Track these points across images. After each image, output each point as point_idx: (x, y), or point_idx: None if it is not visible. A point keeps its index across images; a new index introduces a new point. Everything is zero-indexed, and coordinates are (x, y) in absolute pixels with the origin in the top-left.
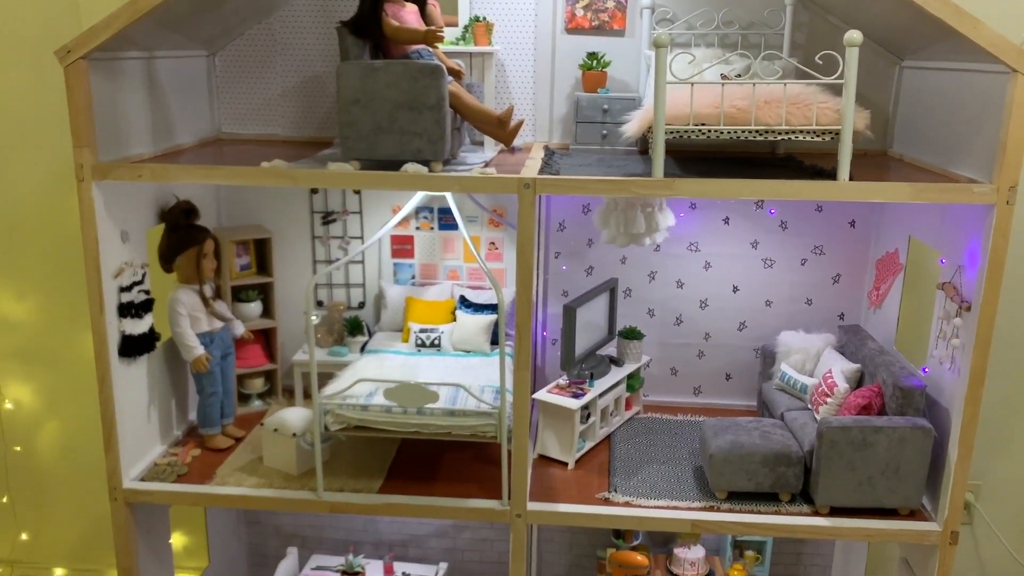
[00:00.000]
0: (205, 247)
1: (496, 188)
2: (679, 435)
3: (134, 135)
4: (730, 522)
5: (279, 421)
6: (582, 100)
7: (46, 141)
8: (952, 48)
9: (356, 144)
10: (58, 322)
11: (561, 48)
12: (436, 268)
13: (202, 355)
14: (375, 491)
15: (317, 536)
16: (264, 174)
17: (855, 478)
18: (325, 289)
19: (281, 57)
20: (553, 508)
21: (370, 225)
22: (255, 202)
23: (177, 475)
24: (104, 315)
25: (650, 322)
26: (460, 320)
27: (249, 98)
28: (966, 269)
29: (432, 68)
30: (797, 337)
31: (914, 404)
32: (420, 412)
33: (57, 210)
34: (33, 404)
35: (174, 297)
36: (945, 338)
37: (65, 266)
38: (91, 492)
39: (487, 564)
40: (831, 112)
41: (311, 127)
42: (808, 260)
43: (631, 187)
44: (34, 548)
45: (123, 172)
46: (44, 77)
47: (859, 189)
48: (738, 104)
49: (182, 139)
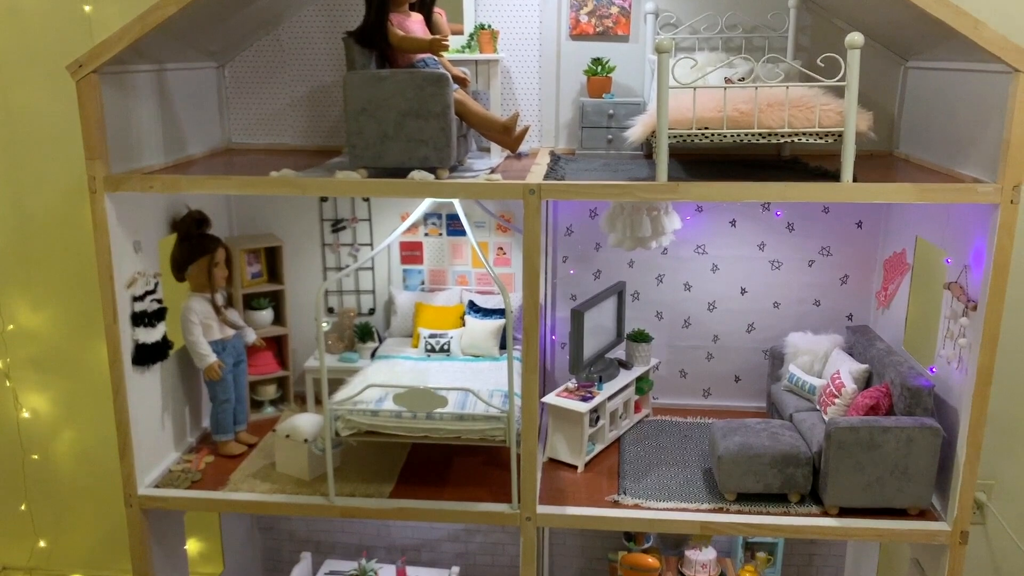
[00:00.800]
0: (217, 256)
1: (501, 194)
2: (689, 437)
3: (145, 147)
4: (740, 523)
5: (291, 427)
6: (587, 105)
7: (60, 153)
8: (955, 48)
9: (363, 152)
10: (74, 331)
11: (566, 54)
12: (445, 274)
13: (215, 363)
14: (386, 496)
15: (330, 541)
16: (273, 184)
17: (864, 478)
18: (335, 296)
19: (289, 67)
20: (563, 511)
21: (379, 232)
22: (266, 211)
23: (191, 481)
24: (118, 324)
25: (658, 325)
26: (469, 325)
27: (258, 108)
28: (972, 268)
29: (437, 76)
30: (805, 338)
31: (922, 404)
32: (429, 417)
33: (71, 221)
34: (50, 413)
35: (186, 306)
36: (952, 338)
37: (80, 276)
38: (107, 499)
39: (499, 568)
40: (833, 114)
41: (319, 136)
42: (816, 261)
43: (635, 191)
44: (52, 555)
45: (135, 183)
46: (57, 90)
47: (863, 191)
48: (741, 107)
49: (193, 150)
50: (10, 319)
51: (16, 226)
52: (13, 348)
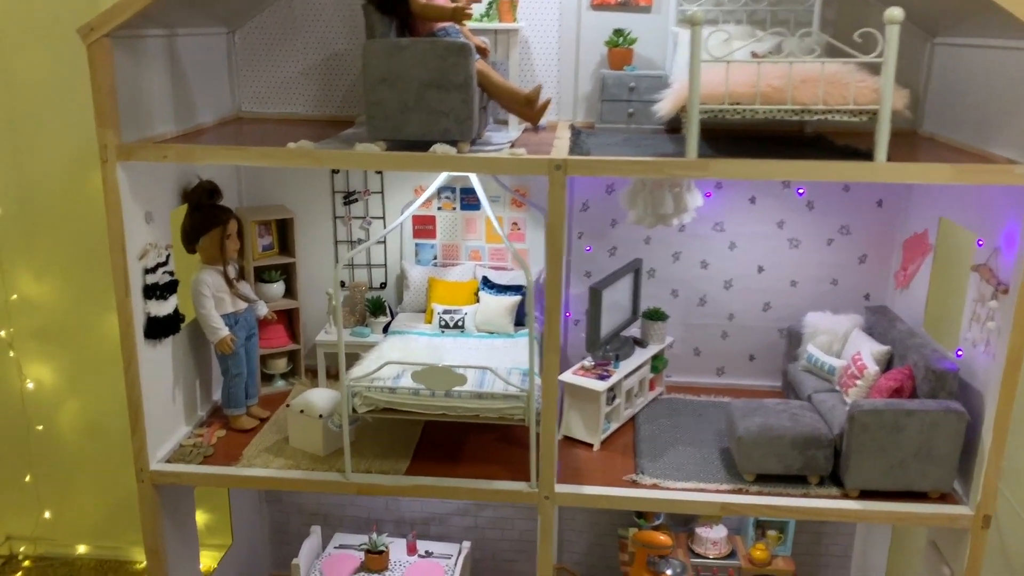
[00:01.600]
0: (229, 227)
1: (527, 169)
2: (703, 416)
3: (156, 115)
4: (760, 505)
5: (305, 402)
6: (608, 78)
7: (63, 120)
8: (988, 24)
9: (383, 124)
10: (78, 302)
11: (586, 25)
12: (458, 248)
13: (227, 336)
14: (402, 473)
15: (339, 515)
16: (291, 155)
17: (886, 461)
18: (346, 269)
19: (301, 34)
20: (580, 490)
21: (392, 205)
22: (276, 182)
23: (204, 456)
24: (130, 297)
25: (673, 302)
26: (484, 301)
27: (269, 76)
28: (1003, 251)
29: (460, 46)
30: (824, 318)
31: (947, 387)
32: (448, 395)
33: (75, 191)
34: (54, 383)
35: (198, 278)
36: (979, 321)
37: (84, 245)
38: (113, 471)
39: (508, 542)
40: (869, 91)
41: (331, 106)
42: (834, 240)
43: (666, 168)
44: (57, 526)
45: (148, 153)
46: (61, 57)
47: (898, 170)
48: (774, 83)
49: (203, 119)
50: (13, 289)
51: (18, 195)
52: (17, 318)
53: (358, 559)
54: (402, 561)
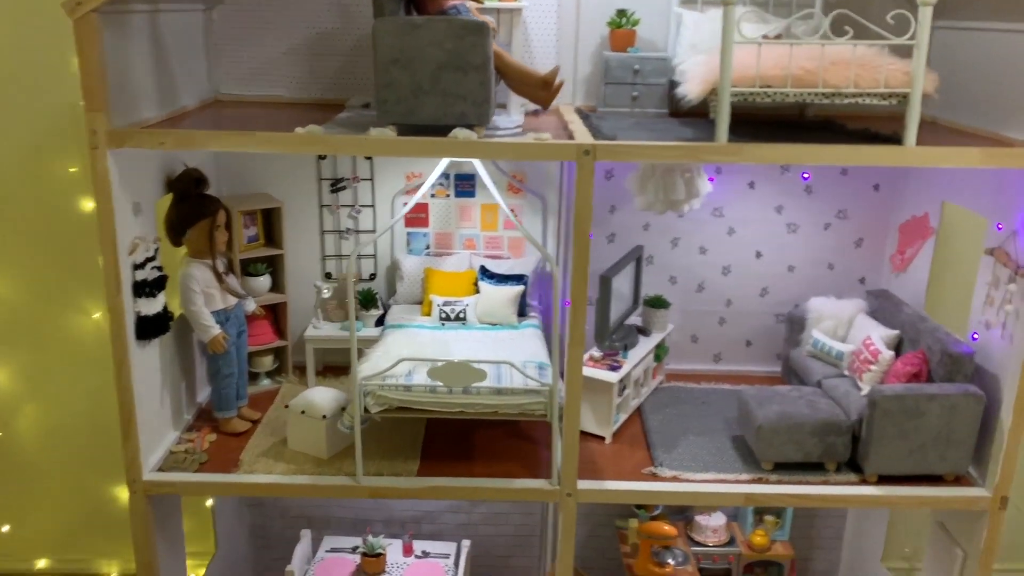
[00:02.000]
0: (218, 218)
1: (553, 155)
2: (708, 404)
3: (142, 98)
4: (785, 494)
5: (306, 403)
6: (611, 60)
7: (20, 102)
8: (993, 6)
9: (394, 108)
10: (37, 298)
11: (586, 4)
12: (452, 237)
13: (220, 335)
14: (413, 473)
15: (324, 516)
16: (302, 141)
17: (907, 446)
18: (334, 260)
19: (285, 11)
20: (603, 486)
21: (382, 192)
22: (257, 169)
23: (199, 464)
24: (122, 295)
25: (672, 289)
26: (484, 292)
27: (250, 56)
28: (1020, 234)
29: (479, 25)
30: (828, 303)
31: (963, 371)
32: (466, 391)
33: (33, 183)
34: (11, 387)
35: (186, 273)
36: (994, 304)
37: (44, 239)
38: (76, 479)
39: (503, 538)
40: (900, 74)
41: (317, 88)
42: (831, 224)
43: (699, 153)
44: (13, 540)
45: (142, 139)
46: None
47: (929, 154)
48: (806, 65)
49: (185, 101)
50: None
51: None
52: None
53: (353, 563)
54: (399, 563)
